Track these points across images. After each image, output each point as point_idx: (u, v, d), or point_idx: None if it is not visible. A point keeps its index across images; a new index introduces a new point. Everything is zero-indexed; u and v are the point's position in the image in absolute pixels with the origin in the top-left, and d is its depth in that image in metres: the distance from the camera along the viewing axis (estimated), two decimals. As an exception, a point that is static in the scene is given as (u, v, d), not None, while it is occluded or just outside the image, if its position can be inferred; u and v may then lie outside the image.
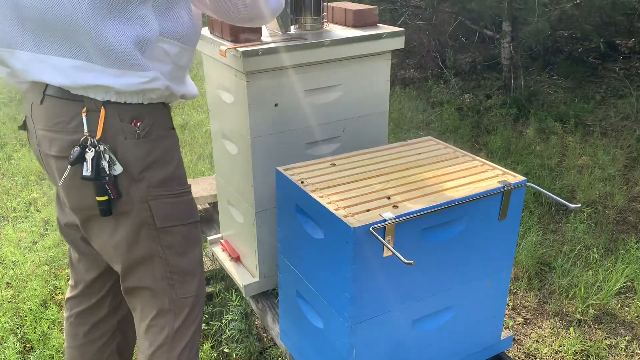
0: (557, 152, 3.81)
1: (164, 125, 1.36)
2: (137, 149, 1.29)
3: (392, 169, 1.62)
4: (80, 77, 1.22)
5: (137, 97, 1.27)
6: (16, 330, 2.27)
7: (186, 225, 1.40)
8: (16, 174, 3.68)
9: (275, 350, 2.13)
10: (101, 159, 1.25)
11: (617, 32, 5.70)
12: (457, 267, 1.55)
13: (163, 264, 1.39)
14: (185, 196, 1.40)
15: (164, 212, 1.35)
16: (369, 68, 1.93)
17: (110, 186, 1.28)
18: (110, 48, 1.19)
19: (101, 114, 1.25)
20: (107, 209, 1.30)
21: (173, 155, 1.37)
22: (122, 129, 1.27)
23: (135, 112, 1.28)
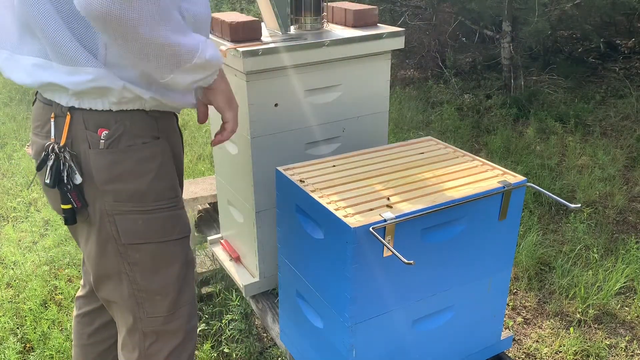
0: (557, 152, 3.81)
1: (141, 134, 1.25)
2: (100, 160, 1.22)
3: (392, 169, 1.61)
4: (39, 75, 1.19)
5: (100, 102, 1.20)
6: (16, 330, 2.27)
7: (158, 243, 1.30)
8: (16, 174, 3.68)
9: (275, 350, 2.13)
10: (61, 168, 1.20)
11: (617, 32, 5.70)
12: (457, 267, 1.55)
13: (129, 281, 1.31)
14: (161, 212, 1.29)
15: (130, 229, 1.27)
16: (369, 68, 1.93)
17: (73, 195, 1.22)
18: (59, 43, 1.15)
19: (66, 120, 1.21)
20: (71, 217, 1.25)
21: (149, 167, 1.26)
22: (86, 137, 1.21)
23: (102, 120, 1.21)
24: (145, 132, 1.25)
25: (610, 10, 4.82)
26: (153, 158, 1.27)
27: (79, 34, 1.15)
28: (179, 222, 1.34)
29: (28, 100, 4.95)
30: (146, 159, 1.25)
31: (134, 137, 1.23)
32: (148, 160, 1.26)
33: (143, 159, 1.25)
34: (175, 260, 1.34)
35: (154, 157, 1.27)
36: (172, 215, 1.31)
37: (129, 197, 1.24)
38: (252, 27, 1.76)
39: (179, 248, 1.35)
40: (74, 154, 1.22)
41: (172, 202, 1.31)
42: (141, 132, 1.25)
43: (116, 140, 1.21)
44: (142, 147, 1.24)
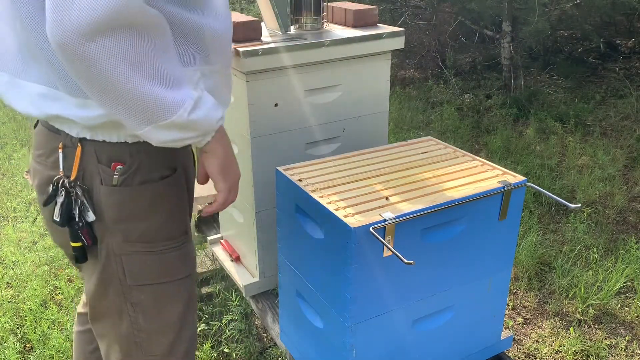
0: (557, 152, 3.81)
1: (157, 167, 1.14)
2: (112, 197, 1.11)
3: (392, 169, 1.61)
4: (47, 106, 1.07)
5: (115, 134, 1.08)
6: (16, 330, 2.27)
7: (165, 283, 1.22)
8: (16, 174, 3.68)
9: (275, 350, 2.13)
10: (72, 205, 1.10)
11: (617, 32, 5.70)
12: (457, 267, 1.55)
13: (130, 321, 1.23)
14: (172, 252, 1.20)
15: (137, 270, 1.18)
16: (369, 68, 1.93)
17: (84, 232, 1.12)
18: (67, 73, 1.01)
19: (77, 152, 1.09)
20: (82, 255, 1.16)
21: (163, 205, 1.16)
22: (98, 172, 1.10)
23: (116, 153, 1.09)
24: (162, 165, 1.15)
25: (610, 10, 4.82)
26: (167, 195, 1.17)
27: None
28: (187, 260, 1.25)
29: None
30: (160, 196, 1.15)
31: (150, 171, 1.13)
32: (162, 197, 1.16)
33: (157, 196, 1.15)
34: (179, 300, 1.27)
35: (169, 194, 1.17)
36: (181, 254, 1.23)
37: (138, 237, 1.15)
38: (252, 27, 1.76)
39: (183, 287, 1.26)
40: (85, 188, 1.11)
41: (182, 239, 1.23)
42: (158, 165, 1.14)
43: (130, 176, 1.11)
44: (158, 184, 1.14)
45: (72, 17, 0.83)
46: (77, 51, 0.85)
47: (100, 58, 0.86)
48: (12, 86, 1.11)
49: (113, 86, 0.90)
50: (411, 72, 5.66)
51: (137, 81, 0.91)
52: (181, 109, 0.97)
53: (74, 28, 0.83)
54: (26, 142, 4.13)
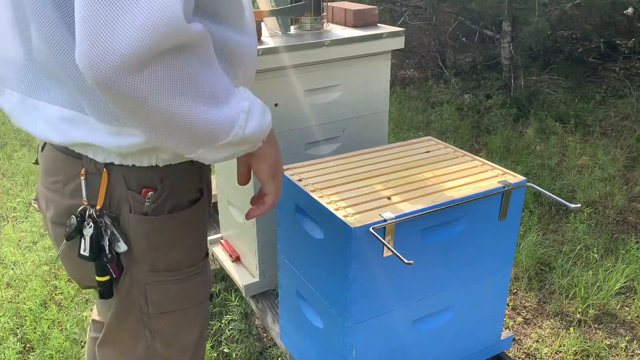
0: (557, 152, 3.81)
1: (186, 191, 1.07)
2: (142, 227, 1.03)
3: (392, 169, 1.61)
4: (71, 132, 0.96)
5: (147, 159, 0.99)
6: (16, 330, 2.27)
7: (187, 309, 1.16)
8: (16, 174, 3.68)
9: (275, 350, 2.13)
10: (102, 236, 1.01)
11: (617, 32, 5.70)
12: (457, 267, 1.55)
13: (147, 347, 1.17)
14: (195, 278, 1.15)
15: (161, 299, 1.12)
16: (369, 68, 1.93)
17: (112, 265, 1.04)
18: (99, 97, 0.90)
19: (103, 178, 0.99)
20: (108, 290, 1.08)
21: (190, 232, 1.10)
22: (127, 198, 1.01)
23: (147, 178, 1.01)
24: (190, 188, 1.08)
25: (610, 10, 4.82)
26: (195, 220, 1.11)
27: None
28: (206, 282, 1.20)
29: (28, 100, 4.95)
30: (189, 223, 1.09)
31: (180, 196, 1.06)
32: (190, 224, 1.10)
33: (186, 223, 1.08)
34: (197, 323, 1.22)
35: (196, 219, 1.11)
36: (203, 278, 1.18)
37: (166, 266, 1.09)
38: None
39: (202, 309, 1.21)
40: (113, 217, 1.02)
41: (203, 263, 1.17)
42: (187, 188, 1.07)
43: (162, 203, 1.03)
44: (187, 212, 1.07)
45: (114, 50, 0.72)
46: (120, 88, 0.75)
47: (147, 91, 0.76)
48: (24, 107, 0.99)
49: (163, 118, 0.81)
50: (411, 72, 5.66)
51: (189, 108, 0.82)
52: (236, 126, 0.89)
53: (115, 63, 0.73)
54: (26, 142, 4.13)
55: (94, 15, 0.72)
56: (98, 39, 0.72)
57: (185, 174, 1.05)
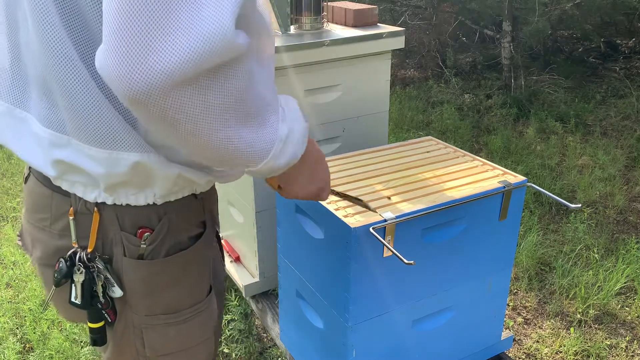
0: (558, 152, 3.81)
1: (188, 226, 0.97)
2: (137, 271, 0.93)
3: (392, 169, 1.61)
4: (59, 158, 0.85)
5: (143, 197, 0.89)
6: (16, 331, 2.27)
7: (187, 349, 1.06)
8: (16, 174, 3.68)
9: (275, 350, 2.13)
10: (94, 282, 0.92)
11: (617, 32, 5.70)
12: (457, 267, 1.55)
13: None
14: (197, 317, 1.03)
15: (159, 342, 1.01)
16: (369, 68, 1.93)
17: (108, 311, 0.96)
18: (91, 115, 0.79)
19: (94, 219, 0.89)
20: (102, 337, 0.99)
21: (191, 270, 0.99)
22: (121, 240, 0.91)
23: (142, 217, 0.91)
24: (192, 223, 0.98)
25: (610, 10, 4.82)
26: (197, 258, 1.00)
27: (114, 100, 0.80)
28: (212, 317, 1.07)
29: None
30: (191, 262, 0.98)
31: (179, 233, 0.95)
32: (192, 262, 0.99)
33: (187, 263, 0.98)
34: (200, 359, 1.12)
35: (198, 256, 1.00)
36: (208, 314, 1.06)
37: (164, 309, 0.98)
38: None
39: (206, 347, 1.09)
40: (106, 259, 0.92)
41: (207, 299, 1.05)
42: (188, 224, 0.97)
43: (160, 244, 0.93)
44: (189, 251, 0.97)
45: (155, 65, 0.63)
46: (155, 107, 0.66)
47: (183, 114, 0.67)
48: (11, 120, 0.89)
49: (201, 140, 0.72)
50: (411, 72, 5.66)
51: (228, 131, 0.73)
52: (271, 152, 0.80)
53: (155, 80, 0.63)
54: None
55: (133, 21, 0.62)
56: (135, 51, 0.62)
57: (187, 209, 0.95)
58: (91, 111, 0.79)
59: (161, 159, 0.84)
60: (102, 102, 0.79)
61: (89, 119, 0.80)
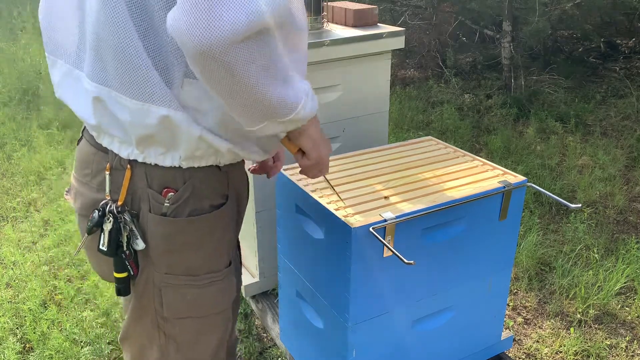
0: (558, 152, 3.81)
1: (209, 195, 1.06)
2: (160, 228, 1.03)
3: (392, 169, 1.61)
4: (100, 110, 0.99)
5: (170, 158, 1.00)
6: (16, 331, 2.27)
7: (204, 317, 1.14)
8: (16, 174, 3.68)
9: (275, 350, 2.13)
10: (120, 232, 1.02)
11: (617, 32, 5.70)
12: (457, 267, 1.55)
13: (161, 352, 1.16)
14: (214, 285, 1.12)
15: (176, 303, 1.10)
16: (369, 68, 1.93)
17: (130, 262, 1.05)
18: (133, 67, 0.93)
19: (126, 175, 1.01)
20: (125, 287, 1.09)
21: (212, 237, 1.09)
22: (148, 197, 1.02)
23: (168, 178, 1.01)
24: (215, 193, 1.07)
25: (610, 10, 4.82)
26: (217, 226, 1.09)
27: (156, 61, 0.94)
28: (228, 292, 1.16)
29: (28, 100, 4.95)
30: (210, 228, 1.08)
31: (201, 199, 1.05)
32: (212, 229, 1.08)
33: (207, 228, 1.07)
34: (215, 333, 1.19)
35: (218, 224, 1.09)
36: (224, 286, 1.14)
37: (182, 270, 1.07)
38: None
39: (221, 320, 1.18)
40: (134, 214, 1.03)
41: (226, 272, 1.14)
42: (211, 192, 1.06)
43: (182, 205, 1.03)
44: (208, 216, 1.06)
45: (222, 23, 0.77)
46: (220, 58, 0.80)
47: (241, 64, 0.82)
48: (71, 80, 1.03)
49: (247, 89, 0.86)
50: (411, 72, 5.66)
51: (269, 83, 0.88)
52: (299, 105, 0.95)
53: (221, 35, 0.78)
54: (26, 142, 4.13)
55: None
56: (208, 11, 0.77)
57: (210, 178, 1.05)
58: (134, 67, 0.92)
59: (186, 117, 0.95)
60: (145, 61, 0.92)
61: (132, 73, 0.92)
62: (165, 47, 0.93)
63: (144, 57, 0.92)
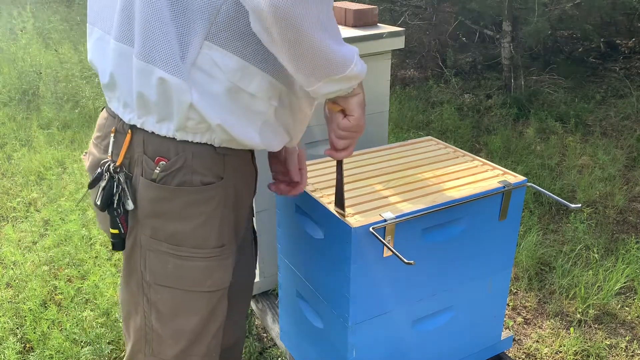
0: (557, 152, 3.81)
1: (202, 171, 1.10)
2: (148, 192, 1.09)
3: (392, 169, 1.61)
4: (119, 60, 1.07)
5: (166, 127, 1.06)
6: (16, 331, 2.27)
7: (184, 291, 1.16)
8: (16, 174, 3.68)
9: (275, 350, 2.13)
10: (113, 190, 1.09)
11: (617, 32, 5.70)
12: (457, 267, 1.55)
13: (144, 317, 1.20)
14: (197, 261, 1.14)
15: (158, 269, 1.15)
16: (369, 68, 1.92)
17: (122, 220, 1.12)
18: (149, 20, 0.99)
19: (126, 138, 1.09)
20: (119, 242, 1.15)
21: (198, 211, 1.11)
22: (142, 162, 1.09)
23: (163, 148, 1.08)
24: (207, 170, 1.10)
25: (610, 10, 4.82)
26: (206, 202, 1.12)
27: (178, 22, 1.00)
28: (215, 275, 1.18)
29: (28, 100, 4.95)
30: (197, 202, 1.11)
31: (192, 173, 1.09)
32: (199, 204, 1.11)
33: (194, 202, 1.10)
34: (197, 312, 1.20)
35: (208, 202, 1.12)
36: (209, 266, 1.16)
37: (166, 237, 1.12)
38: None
39: (204, 301, 1.20)
40: (129, 176, 1.11)
41: (214, 252, 1.16)
42: (203, 169, 1.10)
43: (171, 175, 1.08)
44: (197, 190, 1.10)
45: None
46: (292, 16, 0.90)
47: (308, 23, 0.91)
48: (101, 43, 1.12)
49: (312, 46, 0.95)
50: (411, 72, 5.66)
51: (330, 42, 0.97)
52: (352, 63, 1.04)
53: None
54: (26, 142, 4.13)
55: None
56: None
57: (204, 155, 1.09)
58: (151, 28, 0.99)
59: (182, 84, 1.00)
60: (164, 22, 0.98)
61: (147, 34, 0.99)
62: (191, 7, 0.98)
63: (164, 17, 0.98)
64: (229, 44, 1.01)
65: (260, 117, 1.10)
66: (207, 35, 1.00)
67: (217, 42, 1.00)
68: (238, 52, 1.02)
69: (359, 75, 1.08)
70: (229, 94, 1.04)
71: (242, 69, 1.03)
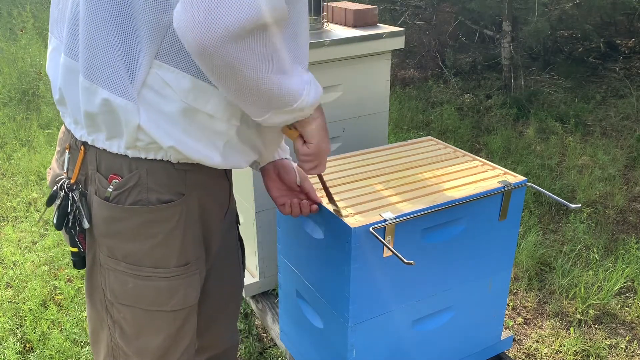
0: (557, 152, 3.81)
1: (158, 189, 1.04)
2: (102, 211, 1.05)
3: (392, 169, 1.61)
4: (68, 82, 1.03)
5: (116, 145, 1.01)
6: (16, 331, 2.27)
7: (146, 310, 1.12)
8: (16, 174, 3.68)
9: (275, 350, 2.13)
10: (68, 209, 1.06)
11: (617, 32, 5.70)
12: (457, 267, 1.55)
13: (109, 334, 1.17)
14: (158, 281, 1.09)
15: (117, 288, 1.11)
16: (369, 68, 1.93)
17: (80, 238, 1.09)
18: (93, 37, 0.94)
19: (80, 155, 1.05)
20: (79, 261, 1.12)
21: (155, 231, 1.06)
22: (95, 180, 1.05)
23: (115, 165, 1.02)
24: (164, 188, 1.05)
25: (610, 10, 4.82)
26: (165, 221, 1.06)
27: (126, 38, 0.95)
28: (178, 294, 1.13)
29: (27, 100, 4.95)
30: (154, 221, 1.05)
31: (147, 191, 1.03)
32: (156, 223, 1.06)
33: (150, 221, 1.05)
34: (161, 331, 1.15)
35: (167, 220, 1.06)
36: (171, 285, 1.11)
37: (123, 257, 1.08)
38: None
39: (169, 320, 1.15)
40: (85, 194, 1.06)
41: (177, 271, 1.11)
42: (159, 186, 1.04)
43: (124, 193, 1.03)
44: (153, 208, 1.04)
45: (223, 20, 0.81)
46: (221, 55, 0.84)
47: (242, 60, 0.86)
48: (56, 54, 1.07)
49: (250, 84, 0.90)
50: (411, 72, 5.66)
51: (272, 77, 0.92)
52: (302, 95, 0.98)
53: (223, 33, 0.82)
54: (26, 142, 4.13)
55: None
56: (207, 9, 0.81)
57: (160, 172, 1.03)
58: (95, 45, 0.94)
59: (127, 104, 0.95)
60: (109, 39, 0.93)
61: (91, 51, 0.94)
62: (137, 22, 0.93)
63: (108, 32, 0.93)
64: (180, 63, 0.94)
65: (221, 138, 1.03)
66: (156, 54, 0.94)
67: (167, 60, 0.94)
68: (191, 70, 0.95)
69: (311, 106, 1.02)
70: (185, 115, 0.98)
71: (195, 89, 0.96)
